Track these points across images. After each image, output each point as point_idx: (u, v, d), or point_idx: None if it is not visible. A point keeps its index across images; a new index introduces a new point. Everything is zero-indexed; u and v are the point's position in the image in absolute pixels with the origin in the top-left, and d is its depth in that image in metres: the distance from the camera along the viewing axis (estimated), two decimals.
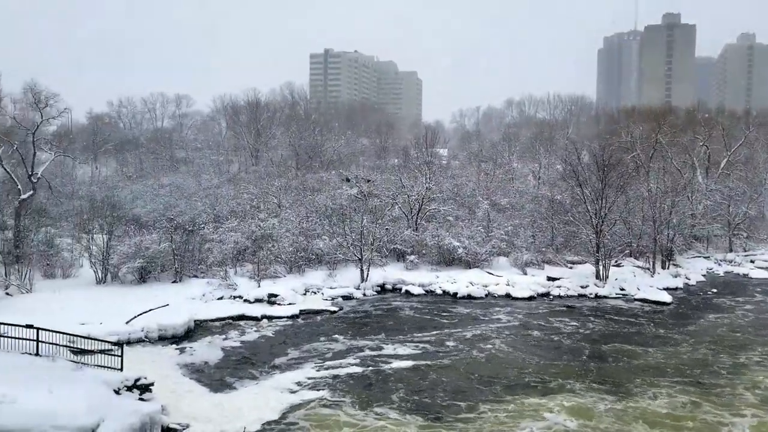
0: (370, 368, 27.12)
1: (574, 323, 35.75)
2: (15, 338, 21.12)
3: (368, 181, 63.06)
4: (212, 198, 60.85)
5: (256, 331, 33.57)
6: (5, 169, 50.45)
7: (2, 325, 21.35)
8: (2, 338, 20.98)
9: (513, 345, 31.09)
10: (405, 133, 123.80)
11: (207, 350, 29.57)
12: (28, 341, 21.14)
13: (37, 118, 53.58)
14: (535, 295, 42.66)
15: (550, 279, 45.90)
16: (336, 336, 32.37)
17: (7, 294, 37.11)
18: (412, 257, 49.28)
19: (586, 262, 49.39)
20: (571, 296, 43.08)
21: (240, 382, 25.24)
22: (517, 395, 23.73)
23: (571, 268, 49.63)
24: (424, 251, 50.55)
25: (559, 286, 44.17)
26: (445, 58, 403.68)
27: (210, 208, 57.13)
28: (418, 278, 45.70)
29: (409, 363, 27.86)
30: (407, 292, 43.94)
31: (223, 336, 32.20)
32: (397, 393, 24.01)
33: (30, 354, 20.84)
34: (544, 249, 52.30)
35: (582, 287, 44.06)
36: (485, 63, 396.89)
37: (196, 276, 43.82)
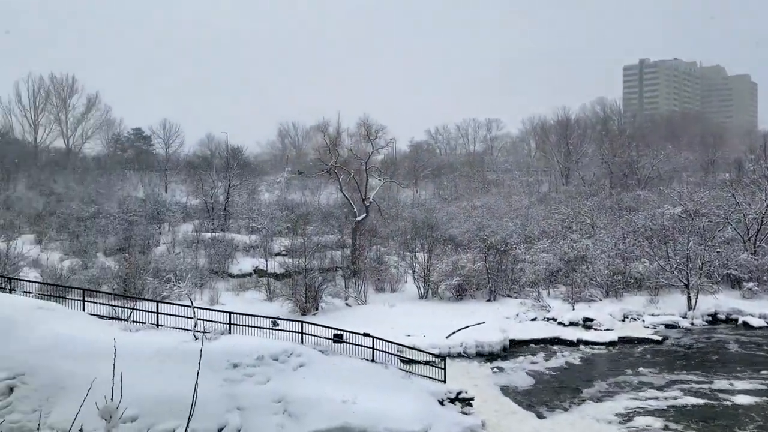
0: (704, 401, 24.29)
1: None
2: (355, 345, 23.78)
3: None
4: (523, 218, 61.43)
5: (570, 355, 32.61)
6: (345, 195, 57.87)
7: (345, 333, 24.24)
8: (346, 344, 23.76)
9: None
10: (737, 143, 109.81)
11: (522, 370, 29.64)
12: (365, 348, 23.63)
13: (368, 148, 60.36)
14: None
15: None
16: (658, 367, 29.70)
17: (347, 305, 42.17)
18: (750, 284, 43.13)
19: None
20: None
21: (553, 407, 24.65)
22: None
23: None
24: (765, 278, 43.90)
25: None
26: None
27: (521, 228, 57.69)
28: (759, 308, 39.72)
29: (756, 399, 24.32)
30: (744, 323, 38.43)
31: (537, 357, 31.90)
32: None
33: (367, 360, 23.22)
34: None
35: None
36: None
37: (509, 295, 44.52)
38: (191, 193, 73.19)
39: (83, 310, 24.20)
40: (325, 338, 23.88)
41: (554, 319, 38.86)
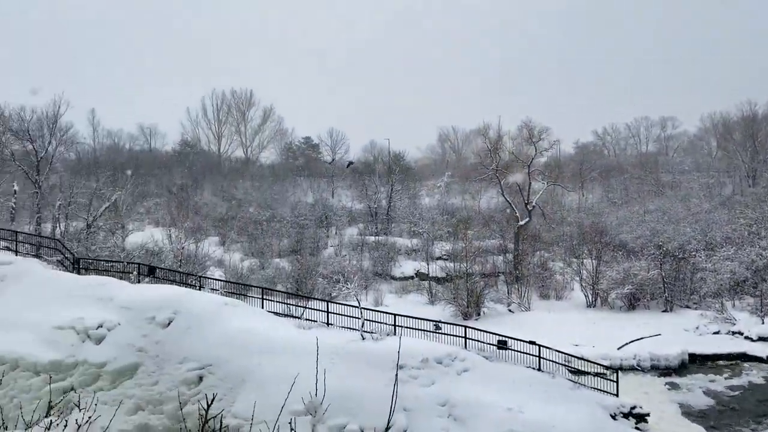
0: None
1: None
2: (520, 352, 23.23)
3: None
4: (702, 223, 56.52)
5: (757, 374, 29.39)
6: (506, 199, 56.98)
7: (509, 339, 23.77)
8: (510, 351, 23.30)
9: None
10: None
11: (699, 388, 27.24)
12: (530, 356, 23.00)
13: (531, 151, 58.90)
14: None
15: None
16: None
17: (510, 311, 41.41)
18: None
19: None
20: None
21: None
22: None
23: None
24: None
25: None
26: None
27: (701, 234, 53.13)
28: None
29: None
30: None
31: (719, 375, 29.17)
32: None
33: (532, 368, 22.57)
34: None
35: None
36: None
37: (687, 306, 41.20)
38: (356, 198, 76.02)
39: (262, 307, 26.00)
40: (489, 344, 23.59)
41: (740, 333, 35.27)
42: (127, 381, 20.13)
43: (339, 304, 26.17)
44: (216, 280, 32.60)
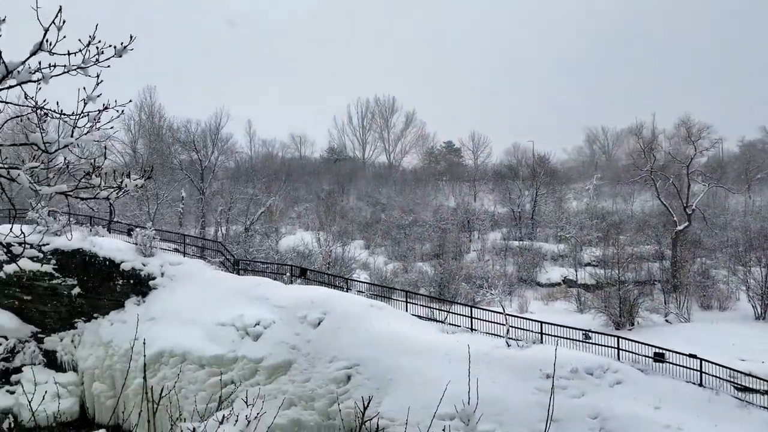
0: None
1: None
2: (678, 366, 21.68)
3: None
4: None
5: None
6: (662, 202, 53.49)
7: (667, 352, 22.27)
8: (668, 364, 21.82)
9: None
10: None
11: None
12: (690, 370, 21.39)
13: (690, 151, 54.88)
14: None
15: None
16: None
17: (667, 321, 38.80)
18: None
19: None
20: None
21: None
22: None
23: None
24: None
25: None
26: None
27: None
28: None
29: None
30: None
31: None
32: None
33: (693, 384, 20.98)
34: None
35: None
36: None
37: None
38: (498, 202, 75.00)
39: (406, 310, 26.38)
40: (644, 356, 22.26)
41: None
42: (281, 377, 21.29)
43: (483, 309, 25.94)
44: (362, 282, 33.56)
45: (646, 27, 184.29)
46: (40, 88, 4.68)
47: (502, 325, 23.41)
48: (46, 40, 4.43)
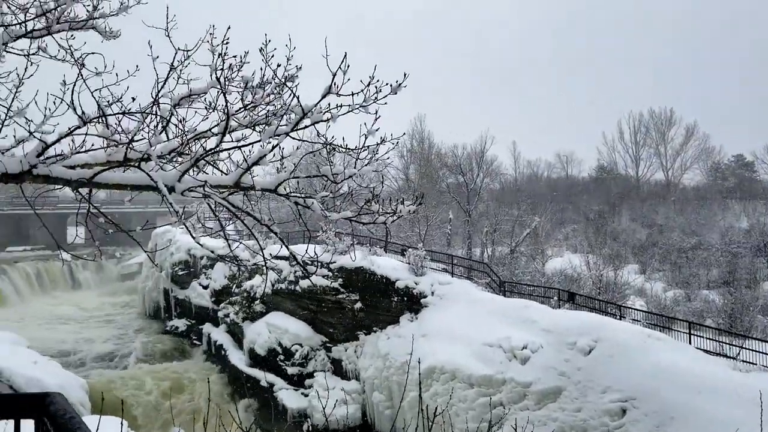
0: None
1: None
2: None
3: None
4: None
5: None
6: None
7: None
8: None
9: None
10: None
11: None
12: None
13: None
14: None
15: None
16: None
17: None
18: None
19: None
20: None
21: None
22: None
23: None
24: None
25: None
26: None
27: None
28: None
29: None
30: None
31: None
32: None
33: None
34: None
35: None
36: None
37: None
38: None
39: (689, 342, 23.90)
40: None
41: None
42: (551, 403, 20.72)
43: None
44: (637, 310, 31.32)
45: None
46: (329, 127, 5.27)
47: None
48: (334, 84, 4.98)
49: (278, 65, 5.18)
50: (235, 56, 5.24)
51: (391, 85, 4.90)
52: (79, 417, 2.84)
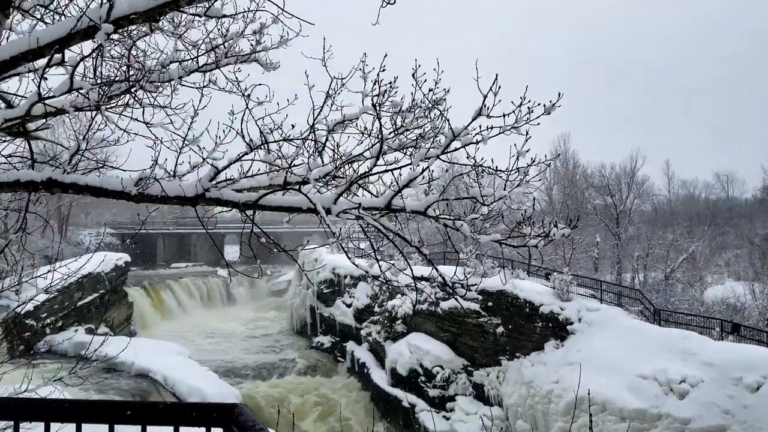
0: None
1: None
2: None
3: None
4: None
5: None
6: None
7: None
8: None
9: None
10: None
11: None
12: None
13: None
14: None
15: None
16: None
17: None
18: None
19: None
20: None
21: None
22: None
23: None
24: None
25: None
26: None
27: None
28: None
29: None
30: None
31: None
32: None
33: None
34: None
35: None
36: None
37: None
38: None
39: None
40: None
41: None
42: None
43: None
44: None
45: None
46: (478, 149, 5.25)
47: None
48: (485, 105, 4.96)
49: (429, 90, 5.26)
50: (390, 83, 5.39)
51: (544, 105, 4.81)
52: (266, 429, 2.97)
